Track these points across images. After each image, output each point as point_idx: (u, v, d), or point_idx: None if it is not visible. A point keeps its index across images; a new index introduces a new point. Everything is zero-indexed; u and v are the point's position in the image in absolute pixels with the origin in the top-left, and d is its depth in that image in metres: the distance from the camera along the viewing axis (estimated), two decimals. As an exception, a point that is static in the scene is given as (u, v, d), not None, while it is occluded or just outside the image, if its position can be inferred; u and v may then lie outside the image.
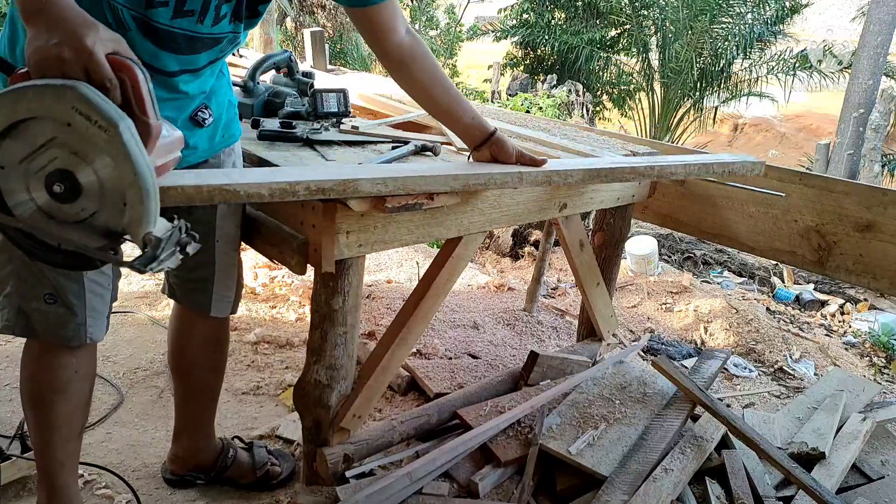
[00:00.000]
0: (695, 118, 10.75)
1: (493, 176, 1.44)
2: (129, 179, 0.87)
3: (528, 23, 11.46)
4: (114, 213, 0.91)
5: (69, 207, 0.91)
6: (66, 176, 0.89)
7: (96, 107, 0.84)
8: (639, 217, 2.46)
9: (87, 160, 0.88)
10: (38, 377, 1.38)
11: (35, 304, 1.29)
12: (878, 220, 1.87)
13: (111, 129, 0.84)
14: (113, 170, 0.88)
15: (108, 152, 0.86)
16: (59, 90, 0.84)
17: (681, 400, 1.91)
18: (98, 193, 0.90)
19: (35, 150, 0.88)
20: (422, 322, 1.73)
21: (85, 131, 0.85)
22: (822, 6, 17.11)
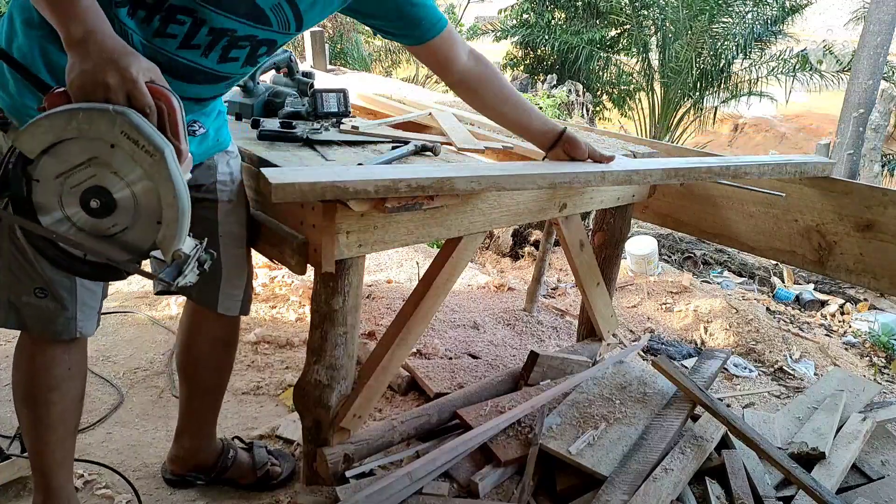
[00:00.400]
0: (695, 118, 10.74)
1: (578, 175, 1.49)
2: (169, 200, 0.96)
3: (528, 23, 11.45)
4: (146, 230, 0.98)
5: (102, 222, 0.98)
6: (102, 193, 0.95)
7: (144, 133, 0.92)
8: (639, 217, 2.46)
9: (126, 179, 0.95)
10: (31, 375, 1.38)
11: (25, 297, 1.29)
12: (878, 219, 1.86)
13: (157, 154, 0.93)
14: (151, 190, 0.96)
15: (150, 175, 0.94)
16: (111, 115, 0.91)
17: (681, 400, 1.91)
18: (132, 211, 0.97)
19: (72, 168, 0.94)
20: (422, 322, 1.73)
21: (131, 154, 0.93)
22: (822, 6, 17.10)
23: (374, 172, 1.30)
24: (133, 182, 0.96)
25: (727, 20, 9.94)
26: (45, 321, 1.32)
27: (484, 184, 1.36)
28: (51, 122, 0.92)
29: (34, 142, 0.93)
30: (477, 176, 1.38)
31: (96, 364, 2.40)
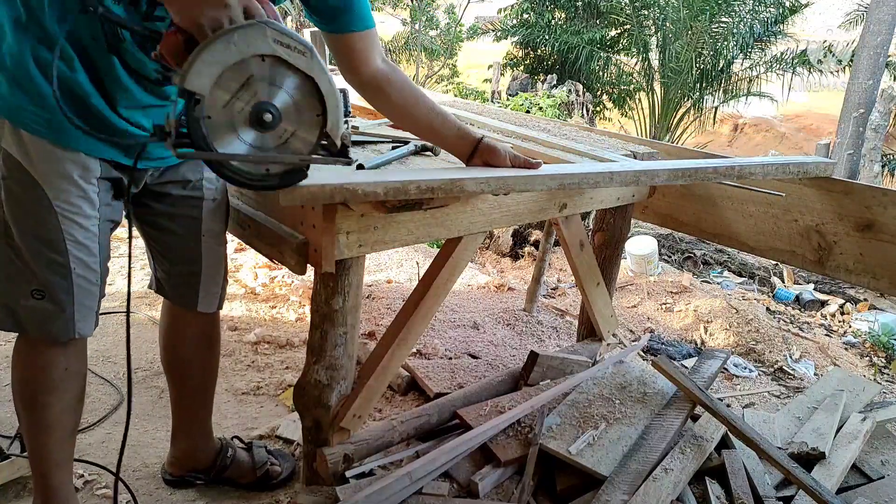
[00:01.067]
0: (695, 118, 10.75)
1: (587, 176, 1.48)
2: (327, 88, 1.04)
3: (528, 23, 11.45)
4: (311, 125, 1.07)
5: (272, 134, 1.04)
6: (267, 106, 1.02)
7: (292, 35, 0.99)
8: (639, 217, 2.46)
9: (282, 86, 1.02)
10: (29, 377, 1.38)
11: (23, 300, 1.29)
12: (878, 219, 1.86)
13: (308, 52, 1.01)
14: (305, 87, 1.04)
15: (310, 69, 1.02)
16: (260, 27, 0.97)
17: (681, 400, 1.91)
18: (294, 113, 1.05)
19: (235, 93, 1.00)
20: (422, 322, 1.73)
21: (287, 57, 1.00)
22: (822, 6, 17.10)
23: (383, 174, 1.30)
24: (288, 86, 1.02)
25: (727, 20, 9.94)
26: (42, 323, 1.31)
27: (493, 185, 1.36)
28: (211, 54, 0.96)
29: (202, 78, 0.96)
30: (486, 177, 1.38)
31: (96, 364, 2.40)
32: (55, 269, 1.28)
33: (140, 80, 1.25)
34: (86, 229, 1.29)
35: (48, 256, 1.27)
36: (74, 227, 1.27)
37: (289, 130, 1.06)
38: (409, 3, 11.55)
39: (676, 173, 1.65)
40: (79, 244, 1.29)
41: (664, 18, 10.28)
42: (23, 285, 1.28)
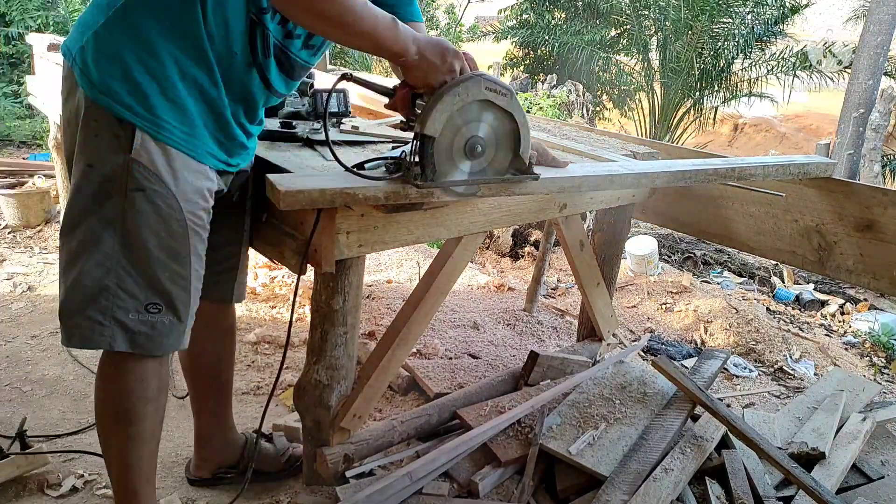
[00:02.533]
0: (695, 118, 10.73)
1: (587, 178, 1.50)
2: (522, 121, 1.31)
3: (528, 23, 11.44)
4: (507, 149, 1.34)
5: (480, 161, 1.32)
6: (477, 139, 1.29)
7: (498, 82, 1.26)
8: (639, 217, 2.46)
9: (486, 121, 1.28)
10: (126, 390, 1.31)
11: (134, 315, 1.24)
12: (878, 220, 1.86)
13: (509, 93, 1.27)
14: (503, 119, 1.30)
15: (510, 106, 1.28)
16: (476, 80, 1.23)
17: (681, 400, 1.91)
18: (494, 141, 1.32)
19: (455, 133, 1.26)
20: (422, 322, 1.73)
21: (495, 100, 1.26)
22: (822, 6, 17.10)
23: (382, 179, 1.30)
24: (492, 121, 1.29)
25: (727, 20, 9.93)
26: (159, 336, 1.28)
27: (495, 189, 1.37)
28: (443, 104, 1.21)
29: (436, 124, 1.21)
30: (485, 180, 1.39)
31: (97, 364, 2.40)
32: (177, 282, 1.27)
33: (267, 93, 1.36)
34: (204, 242, 1.32)
35: (173, 269, 1.26)
36: (197, 239, 1.29)
37: (490, 156, 1.32)
38: (409, 3, 11.53)
39: (677, 175, 1.66)
40: (198, 257, 1.31)
41: (664, 18, 10.27)
42: (138, 299, 1.24)
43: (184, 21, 1.17)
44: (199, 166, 1.26)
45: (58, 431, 1.99)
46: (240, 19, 1.21)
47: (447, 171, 1.28)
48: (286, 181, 1.22)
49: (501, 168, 1.34)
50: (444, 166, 1.27)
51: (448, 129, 1.23)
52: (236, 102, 1.30)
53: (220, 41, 1.21)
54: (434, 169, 1.25)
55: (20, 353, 2.47)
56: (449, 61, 1.22)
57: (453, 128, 1.24)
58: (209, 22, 1.19)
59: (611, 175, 1.56)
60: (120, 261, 1.22)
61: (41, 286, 3.14)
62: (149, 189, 1.20)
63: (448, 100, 1.20)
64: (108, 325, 1.24)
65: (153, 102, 1.17)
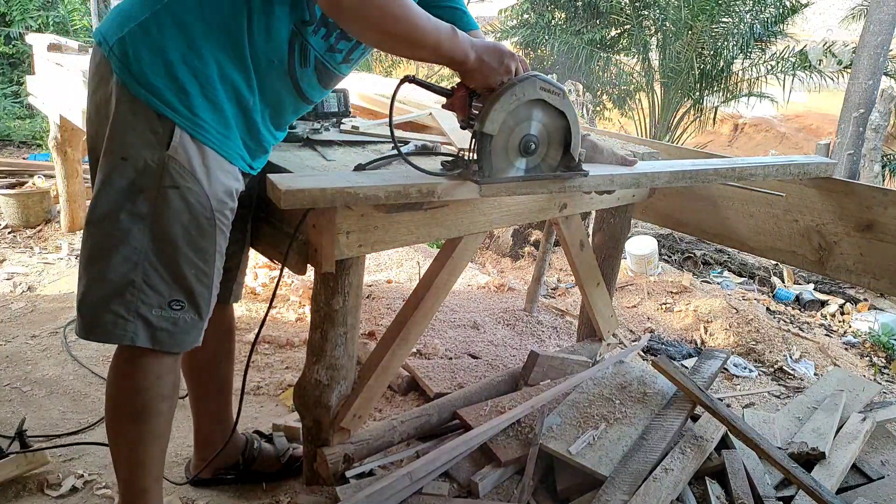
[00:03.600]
0: (695, 118, 10.73)
1: (588, 180, 1.50)
2: (573, 118, 1.36)
3: (528, 23, 11.44)
4: (558, 147, 1.40)
5: (533, 158, 1.38)
6: (529, 137, 1.34)
7: (552, 81, 1.31)
8: (639, 217, 2.46)
9: (539, 120, 1.33)
10: (143, 387, 1.31)
11: (157, 311, 1.24)
12: (878, 220, 1.86)
13: (562, 93, 1.32)
14: (555, 117, 1.35)
15: (563, 105, 1.33)
16: (533, 80, 1.28)
17: (681, 400, 1.91)
18: (546, 138, 1.37)
19: (512, 131, 1.31)
20: (422, 322, 1.73)
21: (548, 99, 1.31)
22: (822, 6, 17.10)
23: (384, 178, 1.31)
24: (546, 120, 1.34)
25: (727, 20, 9.93)
26: (181, 333, 1.28)
27: (496, 189, 1.37)
28: (500, 104, 1.25)
29: (494, 123, 1.26)
30: None
31: (97, 364, 2.41)
32: (202, 280, 1.28)
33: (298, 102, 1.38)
34: (227, 241, 1.33)
35: (199, 267, 1.27)
36: (222, 238, 1.30)
37: (542, 153, 1.38)
38: (410, 3, 11.53)
39: (677, 175, 1.66)
40: (221, 254, 1.32)
41: (664, 18, 10.28)
42: (163, 295, 1.24)
43: (229, 24, 1.18)
44: (230, 167, 1.27)
45: (58, 431, 1.99)
46: (283, 29, 1.23)
47: (503, 167, 1.34)
48: (287, 181, 1.22)
49: (553, 164, 1.40)
50: (501, 163, 1.33)
51: (504, 127, 1.29)
52: (266, 109, 1.32)
53: (260, 48, 1.22)
54: (491, 165, 1.31)
55: (20, 353, 2.47)
56: (506, 62, 1.27)
57: (509, 126, 1.30)
58: (253, 28, 1.20)
59: (612, 175, 1.56)
60: (148, 256, 1.21)
61: (41, 286, 3.14)
62: (183, 187, 1.20)
63: (505, 99, 1.25)
64: (132, 321, 1.23)
65: (194, 102, 1.17)
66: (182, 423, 2.08)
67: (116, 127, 1.19)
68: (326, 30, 1.27)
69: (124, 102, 1.17)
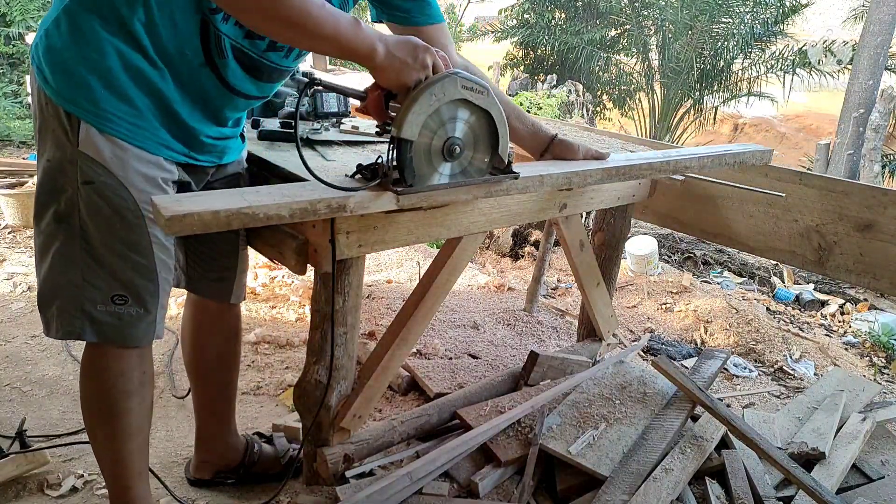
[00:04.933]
0: (695, 118, 10.74)
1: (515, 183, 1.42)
2: (499, 118, 1.27)
3: (528, 23, 11.45)
4: (485, 148, 1.31)
5: (458, 162, 1.28)
6: (455, 140, 1.25)
7: (475, 80, 1.22)
8: (639, 217, 2.46)
9: (465, 120, 1.25)
10: (108, 386, 1.33)
11: (101, 306, 1.26)
12: (878, 220, 1.87)
13: (486, 90, 1.23)
14: (480, 118, 1.27)
15: (487, 104, 1.25)
16: (452, 78, 1.19)
17: (681, 400, 1.91)
18: (472, 141, 1.29)
19: (433, 135, 1.22)
20: (422, 322, 1.73)
21: (472, 98, 1.22)
22: (822, 6, 17.10)
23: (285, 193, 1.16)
24: (470, 120, 1.26)
25: (727, 20, 9.94)
26: (124, 327, 1.29)
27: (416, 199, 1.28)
28: (419, 106, 1.16)
29: (413, 127, 1.17)
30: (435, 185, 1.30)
31: (96, 364, 2.41)
32: (141, 272, 1.27)
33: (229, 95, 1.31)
34: None
35: (134, 260, 1.26)
36: (157, 228, 1.27)
37: (469, 156, 1.29)
38: (409, 3, 11.53)
39: (609, 171, 1.60)
40: (162, 246, 1.29)
41: (664, 19, 10.28)
42: (103, 291, 1.25)
43: (124, 17, 1.14)
44: (151, 157, 1.23)
45: (58, 431, 1.99)
46: (188, 18, 1.18)
47: (426, 174, 1.24)
48: (171, 203, 1.05)
49: (481, 167, 1.31)
50: (423, 170, 1.23)
51: (425, 130, 1.20)
52: (194, 102, 1.27)
53: (168, 39, 1.18)
54: (413, 173, 1.22)
55: (20, 353, 2.47)
56: (420, 58, 1.18)
57: (430, 129, 1.21)
58: (154, 19, 1.16)
59: (542, 175, 1.47)
60: (80, 254, 1.23)
61: (41, 286, 3.14)
62: (98, 181, 1.19)
63: (424, 101, 1.16)
64: (78, 317, 1.26)
65: (97, 95, 1.15)
66: (182, 424, 2.08)
67: (39, 129, 1.22)
68: None
69: (42, 105, 1.20)
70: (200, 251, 1.55)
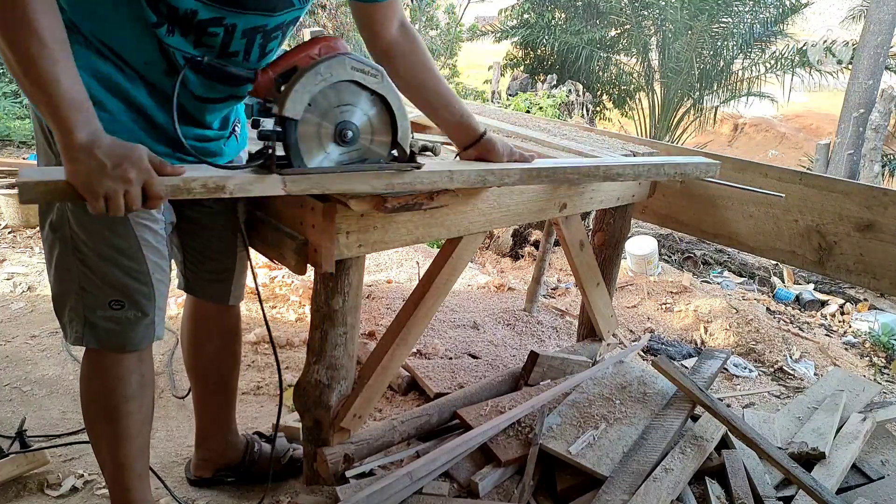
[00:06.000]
0: (695, 118, 10.74)
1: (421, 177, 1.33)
2: (397, 104, 1.22)
3: (528, 23, 11.45)
4: (385, 136, 1.24)
5: (355, 147, 1.22)
6: (348, 125, 1.19)
7: (366, 62, 1.17)
8: (639, 217, 2.46)
9: (359, 106, 1.19)
10: (108, 389, 1.33)
11: (100, 311, 1.27)
12: (878, 220, 1.86)
13: (379, 74, 1.19)
14: (378, 105, 1.21)
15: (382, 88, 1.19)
16: (340, 59, 1.14)
17: (681, 400, 1.91)
18: (370, 126, 1.22)
19: (322, 117, 1.16)
20: (422, 322, 1.73)
21: (363, 81, 1.17)
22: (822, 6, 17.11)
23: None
24: (364, 105, 1.20)
25: (727, 20, 9.94)
26: (123, 332, 1.29)
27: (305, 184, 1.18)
28: (302, 85, 1.12)
29: (296, 105, 1.12)
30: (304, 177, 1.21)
31: (96, 364, 2.40)
32: (135, 276, 1.27)
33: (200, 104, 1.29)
34: (156, 233, 1.30)
35: (126, 265, 1.26)
36: (147, 231, 1.27)
37: (367, 142, 1.23)
38: (409, 3, 11.55)
39: (531, 173, 1.52)
40: (153, 248, 1.29)
41: (664, 19, 10.28)
42: (99, 297, 1.26)
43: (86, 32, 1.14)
44: None
45: (58, 431, 1.99)
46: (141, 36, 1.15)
47: (317, 158, 1.18)
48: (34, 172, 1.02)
49: (380, 156, 1.25)
50: (311, 153, 1.17)
51: (314, 112, 1.15)
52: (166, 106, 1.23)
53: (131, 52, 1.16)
54: (300, 156, 1.15)
55: (20, 353, 2.47)
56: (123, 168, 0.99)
57: (320, 111, 1.15)
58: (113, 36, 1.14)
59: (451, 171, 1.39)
60: (75, 262, 1.24)
61: (41, 286, 3.14)
62: None
63: (308, 79, 1.12)
64: (79, 324, 1.28)
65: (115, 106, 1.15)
66: (182, 423, 2.08)
67: (35, 142, 1.24)
68: (180, 28, 1.17)
69: (34, 118, 1.21)
70: (196, 252, 1.55)
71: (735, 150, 15.02)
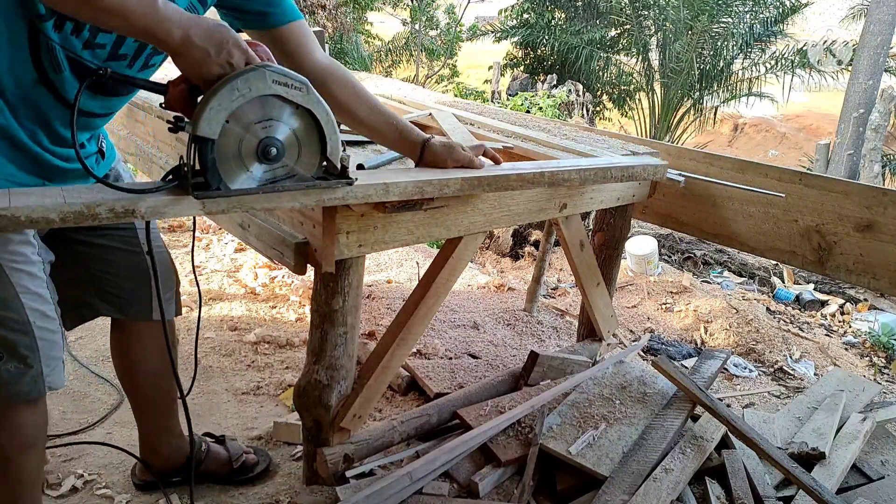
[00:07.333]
0: (695, 118, 10.75)
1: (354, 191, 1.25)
2: (325, 117, 1.12)
3: (528, 23, 11.45)
4: (314, 151, 1.14)
5: (279, 164, 1.11)
6: (271, 141, 1.09)
7: (290, 75, 1.06)
8: (639, 217, 2.46)
9: (284, 121, 1.09)
10: (3, 441, 1.28)
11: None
12: (878, 220, 1.86)
13: (304, 87, 1.08)
14: (304, 119, 1.11)
15: (307, 102, 1.09)
16: (260, 72, 1.04)
17: (681, 400, 1.91)
18: (296, 143, 1.12)
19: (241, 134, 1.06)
20: (422, 322, 1.73)
21: (287, 95, 1.07)
22: (822, 6, 17.11)
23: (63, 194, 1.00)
24: (289, 120, 1.09)
25: (727, 20, 9.95)
26: (9, 384, 1.23)
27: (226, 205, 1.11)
28: (218, 100, 1.01)
29: (212, 124, 1.02)
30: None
31: (96, 364, 2.41)
32: (13, 327, 1.20)
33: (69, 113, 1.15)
34: (34, 276, 1.21)
35: (2, 315, 1.18)
36: (24, 276, 1.19)
37: (293, 159, 1.13)
38: (409, 3, 11.55)
39: (471, 182, 1.44)
40: (32, 294, 1.21)
41: (664, 19, 10.29)
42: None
43: None
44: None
45: (58, 431, 1.99)
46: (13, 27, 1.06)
47: (236, 178, 1.07)
48: None
49: (311, 172, 1.16)
50: (232, 173, 1.07)
51: (233, 129, 1.04)
52: (33, 123, 1.15)
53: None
54: (218, 177, 1.05)
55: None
56: (226, 51, 1.01)
57: (240, 128, 1.05)
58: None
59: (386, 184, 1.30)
60: None
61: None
62: None
63: (224, 95, 1.02)
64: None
65: None
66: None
67: None
68: (74, 22, 1.07)
69: None
70: (108, 275, 1.49)
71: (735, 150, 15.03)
